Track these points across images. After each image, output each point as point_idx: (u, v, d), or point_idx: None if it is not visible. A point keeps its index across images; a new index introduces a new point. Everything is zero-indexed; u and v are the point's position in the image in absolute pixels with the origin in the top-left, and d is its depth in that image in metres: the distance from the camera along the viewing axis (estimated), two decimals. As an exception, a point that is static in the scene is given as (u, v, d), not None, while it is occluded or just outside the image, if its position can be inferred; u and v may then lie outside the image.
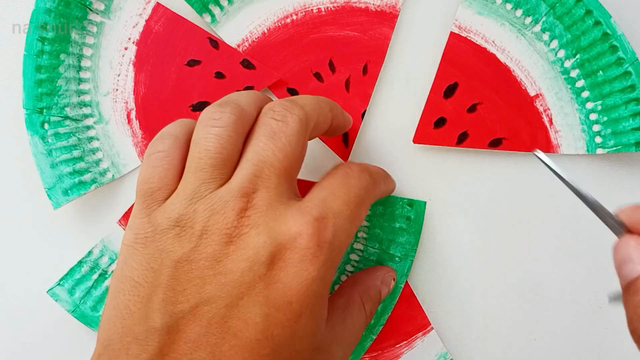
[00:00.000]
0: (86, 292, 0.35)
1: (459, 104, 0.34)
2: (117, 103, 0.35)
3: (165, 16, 0.35)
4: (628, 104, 0.33)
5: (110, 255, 0.35)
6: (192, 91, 0.35)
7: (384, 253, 0.35)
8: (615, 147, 0.33)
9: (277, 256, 0.22)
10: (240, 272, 0.22)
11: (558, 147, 0.34)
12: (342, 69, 0.35)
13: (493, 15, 0.34)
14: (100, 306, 0.35)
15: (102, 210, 0.36)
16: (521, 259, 0.35)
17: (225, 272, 0.22)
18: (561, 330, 0.35)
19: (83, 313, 0.35)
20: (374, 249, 0.35)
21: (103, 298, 0.35)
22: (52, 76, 0.34)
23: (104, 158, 0.35)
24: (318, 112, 0.27)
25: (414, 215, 0.34)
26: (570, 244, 0.35)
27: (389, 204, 0.35)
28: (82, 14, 0.34)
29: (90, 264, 0.35)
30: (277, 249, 0.23)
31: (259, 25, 0.35)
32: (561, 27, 0.33)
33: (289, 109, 0.25)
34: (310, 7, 0.35)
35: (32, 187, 0.35)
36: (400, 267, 0.34)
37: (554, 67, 0.34)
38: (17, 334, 0.37)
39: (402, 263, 0.34)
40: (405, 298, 0.35)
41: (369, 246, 0.35)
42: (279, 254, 0.23)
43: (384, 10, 0.35)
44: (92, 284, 0.35)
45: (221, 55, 0.35)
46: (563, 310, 0.35)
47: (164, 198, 0.24)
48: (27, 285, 0.36)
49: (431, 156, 0.35)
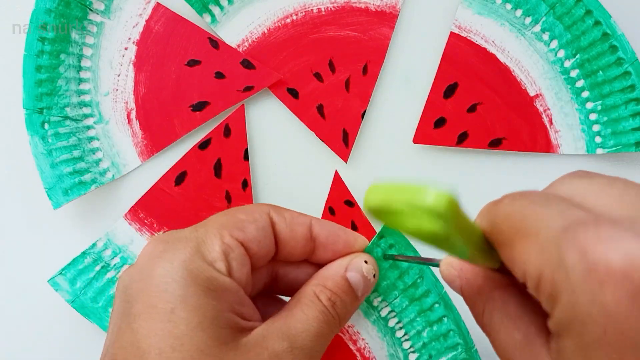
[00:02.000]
0: (87, 283, 0.35)
1: (459, 104, 0.34)
2: (117, 103, 0.35)
3: (165, 16, 0.35)
4: (628, 104, 0.33)
5: (114, 248, 0.35)
6: (192, 91, 0.35)
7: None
8: (615, 147, 0.33)
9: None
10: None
11: (558, 147, 0.34)
12: (342, 69, 0.35)
13: (493, 15, 0.34)
14: (100, 298, 0.35)
15: (102, 210, 0.36)
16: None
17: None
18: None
19: (83, 304, 0.35)
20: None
21: (104, 290, 0.35)
22: (52, 76, 0.34)
23: (104, 158, 0.35)
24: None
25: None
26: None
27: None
28: (82, 14, 0.34)
29: (93, 255, 0.35)
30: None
31: (259, 25, 0.35)
32: (561, 27, 0.33)
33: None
34: (310, 7, 0.35)
35: (32, 187, 0.35)
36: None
37: (554, 67, 0.34)
38: (18, 330, 0.37)
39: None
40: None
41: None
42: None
43: (384, 10, 0.35)
44: (94, 275, 0.35)
45: (221, 55, 0.35)
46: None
47: None
48: (25, 283, 0.36)
49: (431, 156, 0.35)
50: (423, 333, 0.32)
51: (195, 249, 0.24)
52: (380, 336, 0.33)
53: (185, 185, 0.35)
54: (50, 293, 0.35)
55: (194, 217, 0.35)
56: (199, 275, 0.23)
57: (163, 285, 0.23)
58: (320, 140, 0.35)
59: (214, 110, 0.35)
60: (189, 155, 0.35)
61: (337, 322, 0.27)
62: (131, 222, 0.35)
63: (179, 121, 0.35)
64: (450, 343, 0.31)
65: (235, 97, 0.35)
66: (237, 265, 0.25)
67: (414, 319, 0.32)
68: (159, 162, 0.36)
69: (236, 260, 0.25)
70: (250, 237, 0.26)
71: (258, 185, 0.36)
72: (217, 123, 0.35)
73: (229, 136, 0.35)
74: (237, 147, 0.35)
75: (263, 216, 0.27)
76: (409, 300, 0.31)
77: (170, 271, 0.23)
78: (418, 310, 0.32)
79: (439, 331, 0.31)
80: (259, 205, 0.28)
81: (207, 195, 0.35)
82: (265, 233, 0.26)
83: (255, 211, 0.27)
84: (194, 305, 0.23)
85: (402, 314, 0.32)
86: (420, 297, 0.31)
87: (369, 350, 0.33)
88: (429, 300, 0.31)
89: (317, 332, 0.25)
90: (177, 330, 0.22)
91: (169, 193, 0.35)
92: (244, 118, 0.35)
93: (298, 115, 0.35)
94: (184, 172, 0.35)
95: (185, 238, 0.25)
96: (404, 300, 0.31)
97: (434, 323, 0.32)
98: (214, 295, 0.23)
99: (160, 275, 0.23)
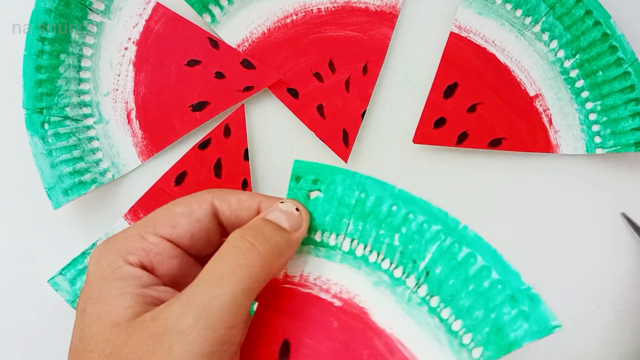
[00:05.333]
0: None
1: (458, 104, 0.34)
2: (117, 103, 0.35)
3: (165, 16, 0.35)
4: (627, 104, 0.33)
5: (110, 254, 0.35)
6: (192, 91, 0.35)
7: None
8: (614, 147, 0.33)
9: None
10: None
11: (557, 147, 0.34)
12: (342, 69, 0.35)
13: (493, 16, 0.34)
14: None
15: (102, 210, 0.36)
16: (521, 258, 0.35)
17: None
18: (561, 330, 0.35)
19: None
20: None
21: None
22: (52, 76, 0.34)
23: (104, 158, 0.35)
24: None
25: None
26: (570, 243, 0.35)
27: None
28: (82, 14, 0.34)
29: None
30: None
31: (259, 25, 0.35)
32: (561, 27, 0.33)
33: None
34: (310, 7, 0.35)
35: (32, 187, 0.35)
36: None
37: (554, 67, 0.34)
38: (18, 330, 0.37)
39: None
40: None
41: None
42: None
43: (384, 10, 0.35)
44: None
45: (221, 55, 0.35)
46: (562, 309, 0.35)
47: None
48: (25, 283, 0.36)
49: (431, 156, 0.35)
50: (394, 242, 0.28)
51: (117, 248, 0.26)
52: (355, 270, 0.29)
53: (185, 185, 0.35)
54: (50, 293, 0.35)
55: (194, 217, 0.35)
56: (112, 271, 0.25)
57: (85, 287, 0.26)
58: (320, 140, 0.35)
59: (214, 110, 0.35)
60: (189, 155, 0.35)
61: (265, 255, 0.25)
62: (131, 222, 0.35)
63: (179, 121, 0.35)
64: (428, 236, 0.27)
65: (235, 97, 0.35)
66: (159, 260, 0.26)
67: (378, 235, 0.28)
68: (159, 162, 0.36)
69: (159, 255, 0.26)
70: (180, 232, 0.27)
71: (258, 185, 0.36)
72: (217, 123, 0.35)
73: (229, 136, 0.35)
74: (237, 147, 0.35)
75: (203, 206, 0.27)
76: (362, 219, 0.28)
77: (92, 270, 0.26)
78: (375, 223, 0.28)
79: (410, 231, 0.27)
80: (202, 193, 0.28)
81: (207, 195, 0.35)
82: (201, 225, 0.27)
83: (195, 201, 0.27)
84: (97, 297, 0.25)
85: (363, 236, 0.28)
86: (372, 210, 0.28)
87: (347, 291, 0.29)
88: (383, 207, 0.28)
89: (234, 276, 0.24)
90: (85, 324, 0.25)
91: (169, 193, 0.35)
92: (244, 118, 0.35)
93: (298, 115, 0.35)
94: (184, 172, 0.35)
95: (116, 238, 0.27)
96: (357, 222, 0.28)
97: (400, 226, 0.28)
98: (120, 284, 0.25)
99: (88, 274, 0.26)
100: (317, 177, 0.28)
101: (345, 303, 0.28)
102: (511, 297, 0.26)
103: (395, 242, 0.28)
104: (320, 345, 0.28)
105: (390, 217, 0.28)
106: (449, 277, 0.27)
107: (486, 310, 0.26)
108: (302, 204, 0.28)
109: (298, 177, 0.29)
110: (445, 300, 0.27)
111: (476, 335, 0.26)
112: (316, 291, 0.29)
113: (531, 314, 0.25)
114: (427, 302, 0.27)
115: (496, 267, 0.26)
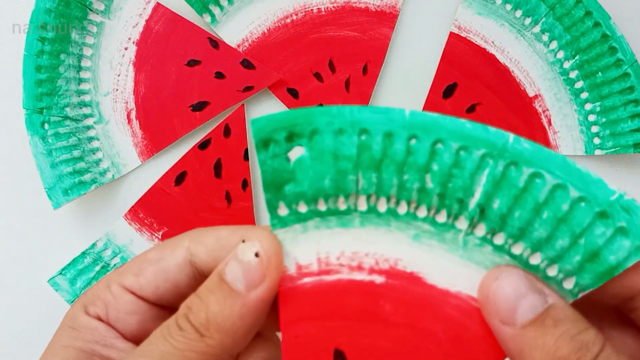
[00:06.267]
0: (87, 283, 0.35)
1: (458, 104, 0.34)
2: (117, 103, 0.35)
3: (165, 16, 0.35)
4: (627, 106, 0.33)
5: (113, 248, 0.35)
6: (192, 91, 0.35)
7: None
8: (613, 148, 0.33)
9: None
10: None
11: (557, 148, 0.34)
12: (342, 69, 0.35)
13: (493, 16, 0.34)
14: None
15: (102, 210, 0.36)
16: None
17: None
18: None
19: None
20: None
21: None
22: (52, 76, 0.34)
23: (104, 158, 0.35)
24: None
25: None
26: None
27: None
28: (82, 14, 0.34)
29: (93, 255, 0.35)
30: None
31: (259, 25, 0.35)
32: (561, 28, 0.33)
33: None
34: (310, 7, 0.35)
35: (32, 187, 0.35)
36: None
37: (553, 68, 0.34)
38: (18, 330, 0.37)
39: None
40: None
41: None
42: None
43: (384, 10, 0.35)
44: (94, 275, 0.35)
45: (221, 55, 0.35)
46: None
47: None
48: (25, 283, 0.37)
49: (430, 156, 0.35)
50: (427, 184, 0.20)
51: (86, 295, 0.25)
52: (384, 229, 0.21)
53: (185, 185, 0.35)
54: (50, 293, 0.35)
55: (193, 217, 0.35)
56: (70, 319, 0.24)
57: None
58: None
59: (214, 110, 0.35)
60: (188, 155, 0.35)
61: (194, 337, 0.21)
62: (131, 222, 0.35)
63: (179, 121, 0.35)
64: (471, 166, 0.20)
65: (235, 97, 0.35)
66: (115, 316, 0.24)
67: (402, 182, 0.21)
68: (159, 162, 0.36)
69: (116, 311, 0.24)
70: (143, 283, 0.24)
71: (258, 185, 0.36)
72: (217, 123, 0.35)
73: (229, 136, 0.35)
74: (237, 147, 0.35)
75: (176, 252, 0.23)
76: (374, 168, 0.20)
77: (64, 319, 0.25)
78: (394, 168, 0.21)
79: (444, 165, 0.20)
80: (181, 237, 0.24)
81: (207, 195, 0.35)
82: (167, 276, 0.23)
83: (168, 247, 0.24)
84: (49, 343, 0.24)
85: (382, 189, 0.21)
86: (384, 153, 0.20)
87: (384, 259, 0.22)
88: (398, 145, 0.20)
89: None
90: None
91: (169, 193, 0.35)
92: (244, 118, 0.35)
93: (298, 116, 0.35)
94: (184, 172, 0.35)
95: (95, 284, 0.25)
96: (368, 174, 0.21)
97: (428, 163, 0.20)
98: (73, 334, 0.24)
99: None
100: (291, 131, 0.20)
101: (389, 275, 0.21)
102: (601, 215, 0.20)
103: (428, 184, 0.20)
104: (379, 340, 0.21)
105: (412, 155, 0.20)
106: (514, 209, 0.20)
107: (572, 237, 0.20)
108: (271, 234, 0.21)
109: (266, 141, 0.20)
110: (513, 235, 0.20)
111: (564, 266, 0.20)
112: (346, 274, 0.22)
113: (632, 229, 0.20)
114: (490, 240, 0.21)
115: (573, 182, 0.20)
